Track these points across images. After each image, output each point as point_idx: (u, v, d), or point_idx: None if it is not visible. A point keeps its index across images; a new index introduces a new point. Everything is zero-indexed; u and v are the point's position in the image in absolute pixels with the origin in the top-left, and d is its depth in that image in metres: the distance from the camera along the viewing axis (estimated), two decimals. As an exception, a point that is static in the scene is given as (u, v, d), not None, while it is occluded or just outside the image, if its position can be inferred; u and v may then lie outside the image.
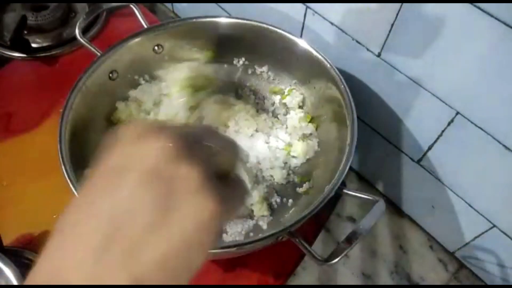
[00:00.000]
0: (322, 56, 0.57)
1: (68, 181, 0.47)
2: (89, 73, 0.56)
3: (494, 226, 0.54)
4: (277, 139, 0.64)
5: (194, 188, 0.22)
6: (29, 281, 0.21)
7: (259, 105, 0.68)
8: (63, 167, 0.48)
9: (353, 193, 0.50)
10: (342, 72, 0.56)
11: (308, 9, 0.59)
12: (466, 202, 0.55)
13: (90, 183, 0.23)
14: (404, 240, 0.65)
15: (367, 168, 0.69)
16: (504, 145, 0.47)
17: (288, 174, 0.61)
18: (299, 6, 0.59)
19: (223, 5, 0.75)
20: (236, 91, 0.69)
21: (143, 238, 0.21)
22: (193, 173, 0.22)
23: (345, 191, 0.49)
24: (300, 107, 0.65)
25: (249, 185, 0.58)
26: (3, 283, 0.47)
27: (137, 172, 0.22)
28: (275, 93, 0.67)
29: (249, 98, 0.68)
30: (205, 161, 0.24)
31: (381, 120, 0.61)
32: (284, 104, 0.66)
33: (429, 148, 0.56)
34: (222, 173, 0.26)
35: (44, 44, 0.78)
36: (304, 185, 0.60)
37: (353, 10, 0.53)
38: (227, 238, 0.56)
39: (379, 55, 0.54)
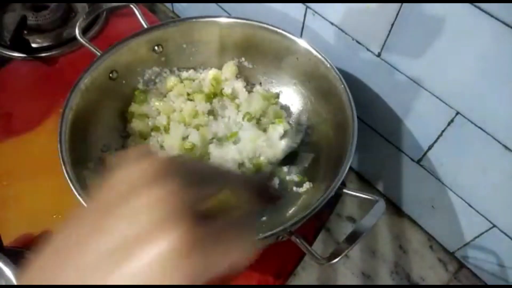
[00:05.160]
0: (322, 56, 0.57)
1: (68, 181, 0.46)
2: (89, 73, 0.56)
3: (494, 226, 0.54)
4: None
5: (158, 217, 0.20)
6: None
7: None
8: (63, 167, 0.47)
9: (353, 193, 0.49)
10: (342, 72, 0.56)
11: (308, 9, 0.59)
12: (466, 202, 0.55)
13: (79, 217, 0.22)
14: (404, 240, 0.64)
15: (367, 168, 0.69)
16: (504, 145, 0.47)
17: (289, 174, 0.61)
18: (299, 6, 0.59)
19: (223, 5, 0.75)
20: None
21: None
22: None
23: (345, 191, 0.49)
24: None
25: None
26: (3, 283, 0.47)
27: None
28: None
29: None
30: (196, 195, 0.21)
31: (381, 120, 0.61)
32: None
33: (429, 148, 0.56)
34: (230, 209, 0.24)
35: (44, 44, 0.78)
36: (304, 185, 0.60)
37: (353, 10, 0.53)
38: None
39: (379, 55, 0.54)
